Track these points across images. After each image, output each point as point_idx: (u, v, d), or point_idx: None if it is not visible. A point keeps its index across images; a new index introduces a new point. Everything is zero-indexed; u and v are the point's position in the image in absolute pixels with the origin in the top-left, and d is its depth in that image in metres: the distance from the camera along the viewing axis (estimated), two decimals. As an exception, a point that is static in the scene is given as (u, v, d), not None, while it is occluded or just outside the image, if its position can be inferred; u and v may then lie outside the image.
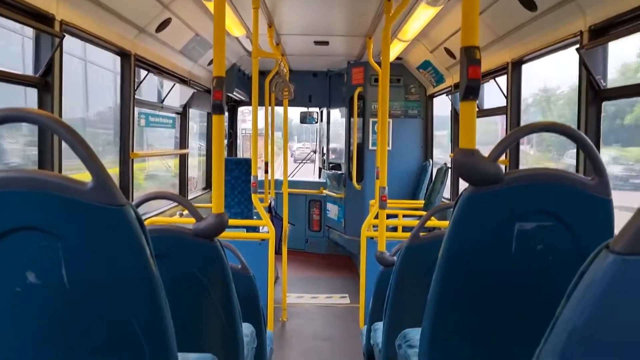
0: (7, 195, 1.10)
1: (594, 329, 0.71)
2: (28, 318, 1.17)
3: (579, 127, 3.08)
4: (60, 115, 3.09)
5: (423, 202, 6.42)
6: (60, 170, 3.11)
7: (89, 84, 5.14)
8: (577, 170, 3.12)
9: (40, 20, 2.87)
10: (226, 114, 7.08)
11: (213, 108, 2.52)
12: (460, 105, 1.63)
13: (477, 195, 1.46)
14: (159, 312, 1.21)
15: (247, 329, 2.59)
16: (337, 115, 8.93)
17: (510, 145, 1.58)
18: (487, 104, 5.08)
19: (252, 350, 2.60)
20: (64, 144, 3.09)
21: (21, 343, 1.19)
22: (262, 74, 5.99)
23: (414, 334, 2.19)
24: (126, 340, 1.21)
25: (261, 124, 6.17)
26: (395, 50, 5.67)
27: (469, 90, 1.58)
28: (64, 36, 3.03)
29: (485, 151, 1.51)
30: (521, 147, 4.38)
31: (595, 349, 0.72)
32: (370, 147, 7.05)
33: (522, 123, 4.21)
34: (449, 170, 6.01)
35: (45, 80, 3.01)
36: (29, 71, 3.04)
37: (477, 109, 1.74)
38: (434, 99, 7.04)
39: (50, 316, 1.17)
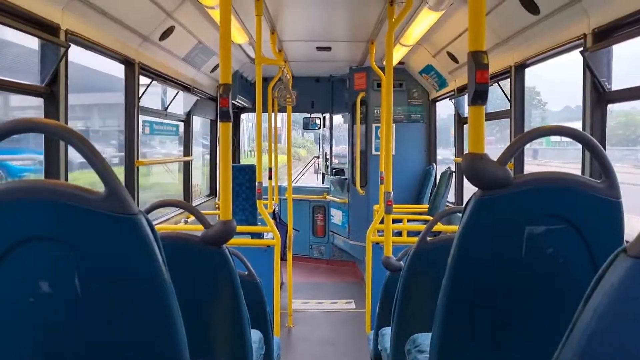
0: (20, 205, 1.10)
1: (613, 332, 0.71)
2: (40, 327, 1.17)
3: (584, 130, 3.08)
4: (66, 123, 3.10)
5: (427, 206, 6.41)
6: (66, 179, 3.12)
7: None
8: (582, 173, 3.12)
9: (45, 30, 2.88)
10: None
11: (220, 115, 2.53)
12: (469, 110, 1.63)
13: (486, 199, 1.46)
14: (171, 320, 1.21)
15: (255, 335, 2.58)
16: (339, 121, 8.93)
17: (519, 149, 1.58)
18: (490, 107, 5.07)
19: (260, 357, 2.59)
20: (69, 153, 3.10)
21: (33, 352, 1.19)
22: (265, 80, 6.00)
23: (424, 339, 2.18)
24: (139, 347, 1.21)
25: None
26: (397, 55, 5.67)
27: (478, 94, 1.58)
28: (69, 46, 3.04)
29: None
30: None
31: (614, 352, 0.72)
32: (374, 152, 7.06)
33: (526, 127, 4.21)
34: (453, 174, 6.00)
35: (51, 89, 3.02)
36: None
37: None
38: (437, 104, 7.05)
39: (62, 325, 1.17)
